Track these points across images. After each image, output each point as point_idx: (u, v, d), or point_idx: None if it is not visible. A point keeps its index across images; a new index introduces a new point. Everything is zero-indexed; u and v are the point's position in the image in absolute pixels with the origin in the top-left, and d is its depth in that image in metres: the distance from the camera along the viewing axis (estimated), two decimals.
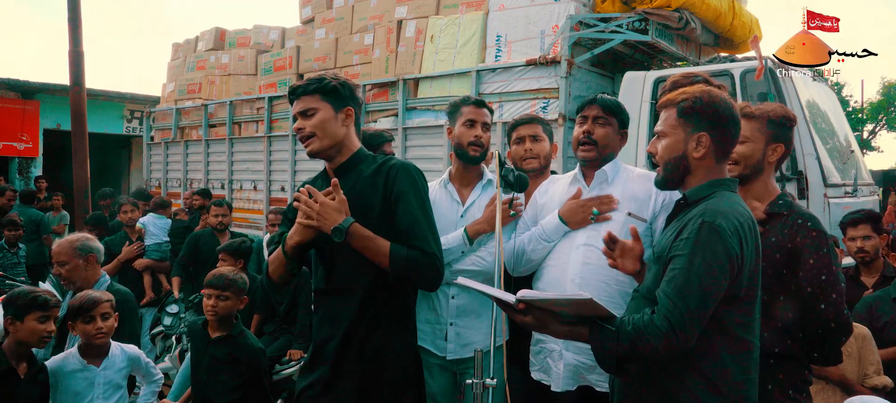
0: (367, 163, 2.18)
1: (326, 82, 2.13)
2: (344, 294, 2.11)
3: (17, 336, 2.61)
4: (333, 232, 1.97)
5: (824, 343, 1.98)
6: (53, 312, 2.67)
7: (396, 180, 2.08)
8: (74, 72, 7.52)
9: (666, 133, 1.84)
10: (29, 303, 2.60)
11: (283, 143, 7.72)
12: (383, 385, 2.08)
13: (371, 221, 2.04)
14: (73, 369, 2.76)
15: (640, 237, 2.26)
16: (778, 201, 2.10)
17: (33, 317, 2.59)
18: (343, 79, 2.18)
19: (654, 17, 5.33)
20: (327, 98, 2.12)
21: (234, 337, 3.17)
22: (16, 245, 6.64)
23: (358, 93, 2.23)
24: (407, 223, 2.04)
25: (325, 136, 2.12)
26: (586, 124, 2.38)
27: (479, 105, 2.66)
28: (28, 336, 2.60)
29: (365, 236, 2.00)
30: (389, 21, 6.87)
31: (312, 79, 2.16)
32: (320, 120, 2.11)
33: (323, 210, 2.00)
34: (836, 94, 6.85)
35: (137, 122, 14.89)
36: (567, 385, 2.27)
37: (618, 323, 1.64)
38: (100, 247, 3.30)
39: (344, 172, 2.17)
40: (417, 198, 2.09)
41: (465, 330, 2.52)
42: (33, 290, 2.73)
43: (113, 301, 2.84)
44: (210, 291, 3.14)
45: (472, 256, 2.51)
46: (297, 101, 2.15)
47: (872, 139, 25.52)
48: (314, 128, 2.11)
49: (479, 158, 2.63)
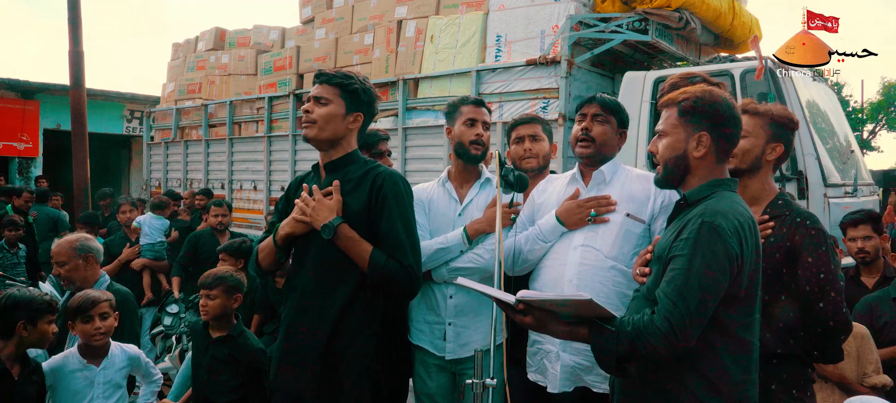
0: (357, 165, 2.24)
1: (351, 82, 2.21)
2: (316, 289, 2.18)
3: (29, 339, 2.61)
4: (323, 229, 2.09)
5: (824, 341, 1.98)
6: (56, 313, 2.71)
7: (382, 189, 2.15)
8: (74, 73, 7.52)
9: (666, 132, 1.84)
10: (42, 308, 2.62)
11: (283, 143, 7.72)
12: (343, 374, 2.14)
13: (348, 221, 2.12)
14: (72, 368, 2.76)
15: (639, 238, 2.26)
16: (777, 201, 2.11)
17: (45, 321, 2.63)
18: (368, 87, 2.26)
19: (654, 17, 5.33)
20: (345, 95, 2.20)
21: (234, 338, 3.17)
22: (16, 245, 6.64)
23: (376, 106, 2.32)
24: (387, 232, 2.12)
25: (326, 130, 2.19)
26: (585, 121, 2.38)
27: (478, 104, 2.68)
28: (40, 339, 2.64)
29: (350, 237, 2.11)
30: (389, 21, 6.87)
31: (341, 72, 2.24)
32: (328, 113, 2.18)
33: (318, 207, 2.11)
34: (836, 94, 6.85)
35: (137, 122, 14.89)
36: (564, 386, 2.27)
37: (617, 323, 1.64)
38: (99, 247, 3.30)
39: (333, 169, 2.24)
40: (400, 208, 2.16)
41: (464, 329, 2.52)
42: (41, 293, 2.75)
43: (112, 300, 2.84)
44: (201, 292, 3.15)
45: (469, 254, 2.51)
46: (318, 85, 2.22)
47: (872, 139, 25.54)
48: (318, 118, 2.18)
49: (480, 157, 2.63)
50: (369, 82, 2.30)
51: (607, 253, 2.25)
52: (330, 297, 2.14)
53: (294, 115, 7.61)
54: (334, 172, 2.22)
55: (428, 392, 2.57)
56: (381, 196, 2.14)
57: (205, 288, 3.14)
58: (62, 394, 2.74)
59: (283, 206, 2.37)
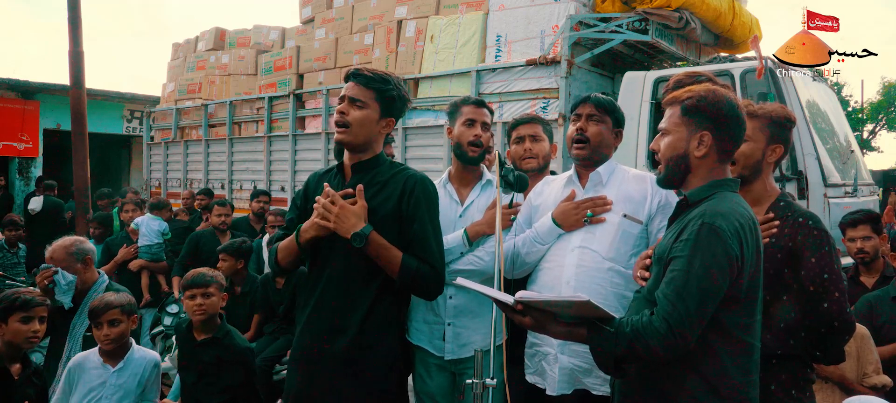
0: (384, 167, 2.23)
1: (390, 88, 2.18)
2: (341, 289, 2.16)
3: (4, 337, 2.65)
4: (353, 238, 2.04)
5: (827, 341, 1.97)
6: (37, 311, 2.69)
7: (414, 192, 2.15)
8: (74, 73, 7.51)
9: (669, 130, 1.83)
10: (9, 306, 2.64)
11: (283, 143, 7.72)
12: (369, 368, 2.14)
13: (374, 224, 2.10)
14: (91, 366, 2.81)
15: (636, 239, 2.26)
16: (779, 202, 2.10)
17: (16, 318, 2.63)
18: (403, 93, 2.24)
19: (654, 17, 5.33)
20: (381, 100, 2.17)
21: (219, 340, 3.14)
22: (16, 245, 6.64)
23: (405, 111, 2.31)
24: (419, 236, 2.13)
25: (360, 134, 2.17)
26: (580, 122, 2.37)
27: (478, 105, 2.66)
28: (13, 337, 2.64)
29: (381, 245, 2.08)
30: (389, 21, 6.87)
31: (379, 75, 2.19)
32: (364, 117, 2.16)
33: (342, 213, 2.07)
34: (836, 94, 6.85)
35: (137, 122, 14.87)
36: (563, 388, 2.26)
37: (616, 324, 1.64)
38: (93, 248, 3.31)
39: (361, 170, 2.22)
40: (430, 213, 2.17)
41: (463, 330, 2.51)
42: (16, 292, 2.74)
43: (125, 306, 2.85)
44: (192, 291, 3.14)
45: (469, 256, 2.51)
46: (354, 85, 2.17)
47: (872, 139, 25.54)
48: (353, 121, 2.15)
49: (477, 158, 2.62)
50: (404, 86, 2.27)
51: (605, 254, 2.24)
52: (357, 296, 2.14)
53: (294, 115, 7.61)
54: (362, 173, 2.21)
55: (428, 391, 2.57)
56: (414, 199, 2.14)
57: (198, 287, 3.11)
58: (79, 390, 2.77)
59: (301, 204, 2.34)
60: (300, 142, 7.55)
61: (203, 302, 3.11)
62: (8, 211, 9.16)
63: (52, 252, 3.16)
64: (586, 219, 2.30)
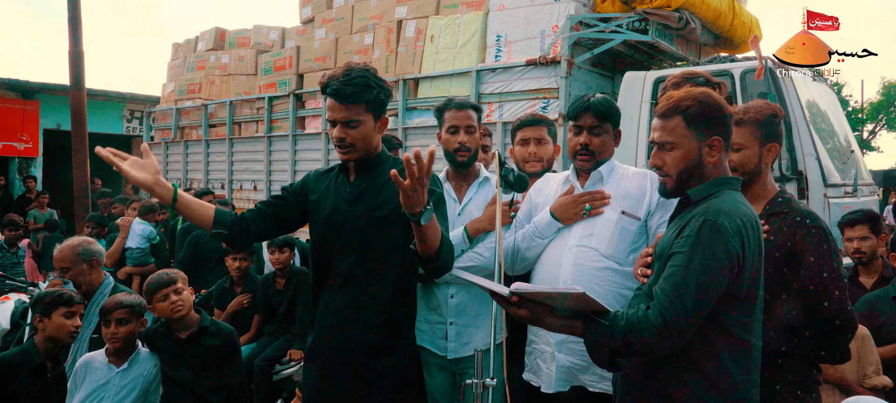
0: (388, 164, 2.22)
1: (376, 94, 2.12)
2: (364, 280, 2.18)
3: (47, 332, 2.77)
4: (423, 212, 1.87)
5: (830, 340, 1.97)
6: (78, 308, 2.82)
7: None
8: (74, 73, 7.51)
9: (676, 143, 1.78)
10: (55, 300, 2.78)
11: (283, 143, 7.72)
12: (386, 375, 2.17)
13: (384, 216, 2.13)
14: (97, 365, 2.85)
15: (635, 235, 2.26)
16: (777, 199, 2.10)
17: (60, 313, 2.77)
18: (386, 87, 2.18)
19: (654, 17, 5.33)
20: (371, 108, 2.14)
21: (207, 328, 3.07)
22: (15, 245, 6.64)
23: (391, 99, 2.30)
24: None
25: (366, 147, 2.17)
26: (582, 136, 2.34)
27: (460, 107, 2.59)
28: (56, 332, 2.76)
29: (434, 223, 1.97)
30: (389, 21, 6.87)
31: (360, 85, 2.08)
32: (364, 132, 2.14)
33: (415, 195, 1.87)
34: (836, 94, 6.85)
35: (137, 122, 14.87)
36: (559, 386, 2.26)
37: (611, 317, 1.64)
38: (101, 250, 3.32)
39: (367, 168, 2.22)
40: (440, 206, 2.17)
41: (465, 329, 2.52)
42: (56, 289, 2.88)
43: (135, 306, 2.87)
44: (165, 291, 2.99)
45: (469, 252, 2.51)
46: (342, 107, 2.09)
47: (872, 139, 25.55)
48: (356, 140, 2.13)
49: (467, 163, 2.60)
50: (381, 79, 2.18)
51: (603, 251, 2.24)
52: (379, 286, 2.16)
53: (294, 115, 7.61)
54: (365, 173, 2.22)
55: (428, 391, 2.57)
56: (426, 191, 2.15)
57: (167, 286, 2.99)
58: (84, 388, 2.80)
59: (293, 192, 2.34)
60: (300, 142, 7.55)
61: (177, 298, 2.99)
62: (8, 211, 9.14)
63: (60, 253, 3.18)
64: (584, 214, 2.30)
